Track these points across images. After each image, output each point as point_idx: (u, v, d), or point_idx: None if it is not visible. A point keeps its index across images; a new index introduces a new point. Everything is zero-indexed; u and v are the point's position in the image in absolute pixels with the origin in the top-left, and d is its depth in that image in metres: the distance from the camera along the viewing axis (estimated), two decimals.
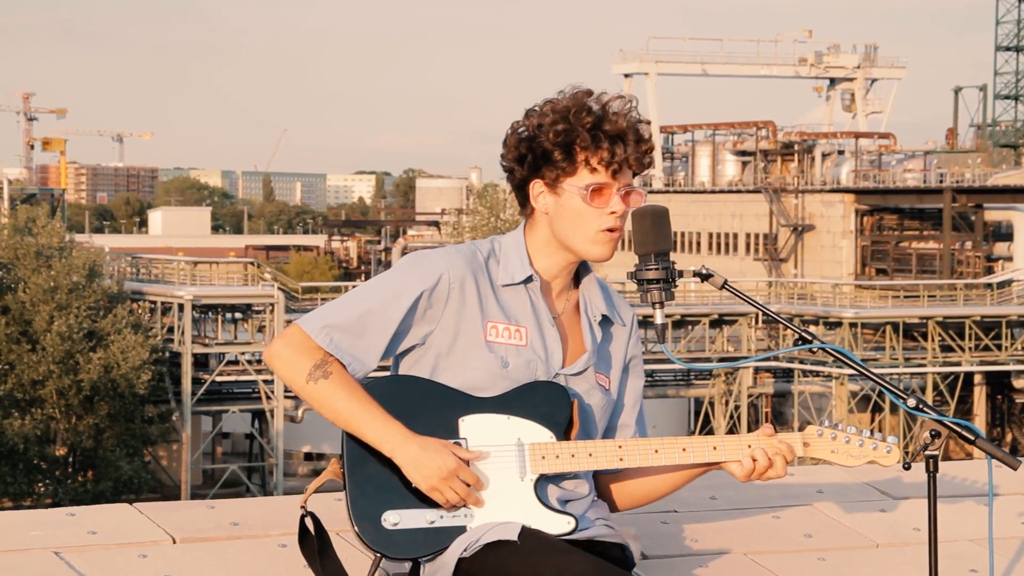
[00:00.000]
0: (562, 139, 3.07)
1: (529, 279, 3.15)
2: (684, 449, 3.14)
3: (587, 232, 3.11)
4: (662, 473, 3.25)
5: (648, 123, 3.16)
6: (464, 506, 3.02)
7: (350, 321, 3.06)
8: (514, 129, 3.15)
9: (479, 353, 3.09)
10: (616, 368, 3.26)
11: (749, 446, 3.14)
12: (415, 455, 2.98)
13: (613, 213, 3.09)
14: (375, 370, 3.09)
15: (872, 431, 3.18)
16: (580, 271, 3.25)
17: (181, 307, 44.93)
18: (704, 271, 3.13)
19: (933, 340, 49.02)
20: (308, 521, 3.12)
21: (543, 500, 3.06)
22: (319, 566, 3.10)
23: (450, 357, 3.10)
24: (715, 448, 3.15)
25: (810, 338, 3.14)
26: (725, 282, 3.16)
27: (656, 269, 3.07)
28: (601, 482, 3.27)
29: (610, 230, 3.11)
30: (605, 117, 3.08)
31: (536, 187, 3.13)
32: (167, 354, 44.78)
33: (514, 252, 3.17)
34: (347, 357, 3.04)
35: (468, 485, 3.00)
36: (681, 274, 3.13)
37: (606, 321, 3.26)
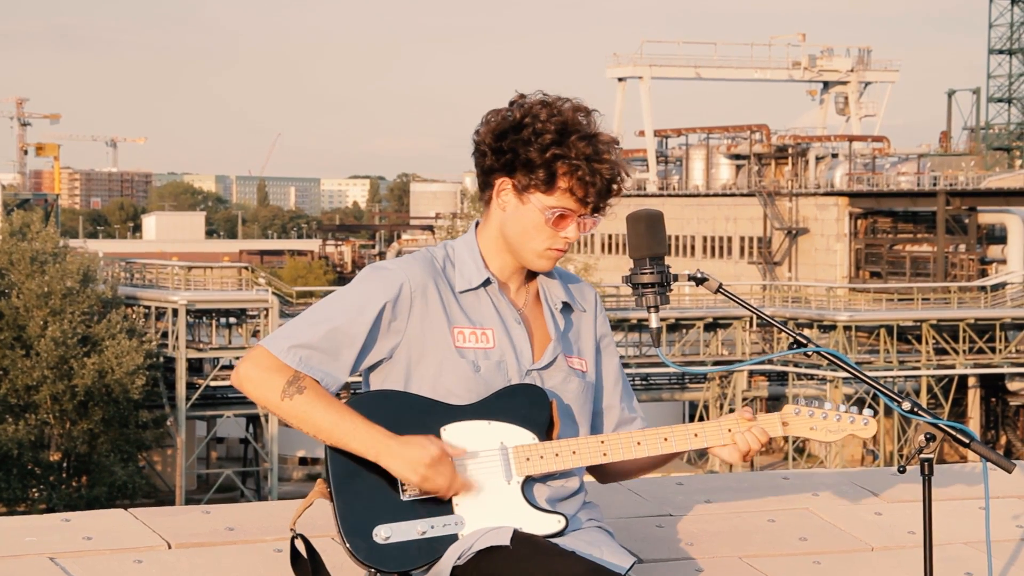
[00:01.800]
0: (550, 158, 3.04)
1: (487, 282, 3.15)
2: (666, 439, 3.16)
3: (536, 247, 3.12)
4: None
5: (623, 162, 3.13)
6: (452, 513, 3.02)
7: (317, 339, 3.04)
8: (502, 117, 3.11)
9: (450, 360, 3.08)
10: (588, 350, 3.26)
11: (730, 430, 3.16)
12: (400, 453, 2.97)
13: (566, 238, 3.10)
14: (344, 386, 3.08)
15: (848, 407, 3.19)
16: None
17: (175, 312, 44.90)
18: (699, 275, 3.14)
19: (927, 343, 49.06)
20: (298, 543, 3.11)
21: (531, 501, 3.07)
22: None
23: (421, 367, 3.09)
24: (696, 435, 3.17)
25: (805, 342, 3.15)
26: (720, 286, 3.16)
27: (651, 273, 3.08)
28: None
29: (559, 251, 3.12)
30: (596, 154, 3.05)
31: (503, 183, 3.11)
32: (161, 359, 44.73)
33: (468, 256, 3.17)
34: (319, 374, 3.03)
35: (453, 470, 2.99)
36: (676, 278, 3.13)
37: (567, 308, 3.26)
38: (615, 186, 3.10)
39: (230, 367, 45.81)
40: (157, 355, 44.37)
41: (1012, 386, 53.31)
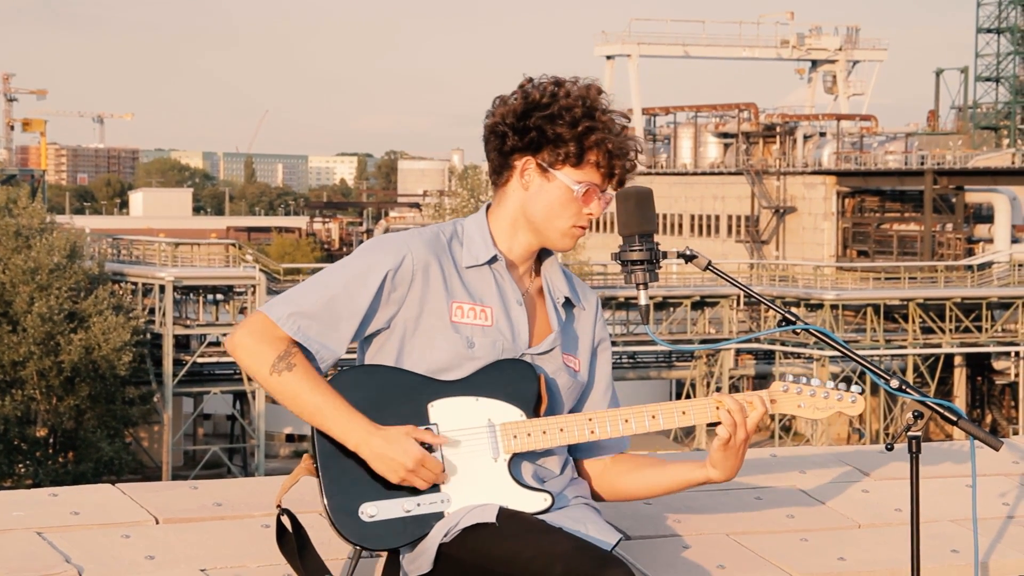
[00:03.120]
0: (582, 132, 3.07)
1: (494, 259, 3.15)
2: (654, 416, 3.14)
3: (562, 225, 3.12)
4: (654, 476, 3.26)
5: (642, 148, 3.21)
6: (439, 491, 3.02)
7: (317, 308, 3.03)
8: (523, 97, 3.11)
9: (445, 334, 3.08)
10: (584, 351, 3.26)
11: (717, 408, 3.14)
12: (380, 450, 2.97)
13: (590, 215, 3.11)
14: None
15: (836, 384, 3.19)
16: (542, 254, 3.24)
17: (162, 288, 44.85)
18: (688, 252, 3.14)
19: (914, 322, 49.18)
20: (285, 519, 3.11)
21: (518, 479, 3.06)
22: (299, 563, 3.08)
23: (415, 339, 3.09)
24: (684, 412, 3.15)
25: (793, 319, 3.15)
26: (709, 263, 3.16)
27: (640, 250, 3.08)
28: (590, 474, 3.28)
29: (583, 228, 3.14)
30: (621, 128, 3.11)
31: (527, 163, 3.12)
32: (148, 335, 44.69)
33: (477, 234, 3.16)
34: (315, 345, 3.02)
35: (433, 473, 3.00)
36: (665, 255, 3.13)
37: (569, 304, 3.26)
38: (636, 159, 3.13)
39: (217, 344, 45.79)
40: (144, 331, 44.33)
41: (998, 365, 53.48)
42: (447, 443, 3.03)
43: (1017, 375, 52.12)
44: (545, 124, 3.08)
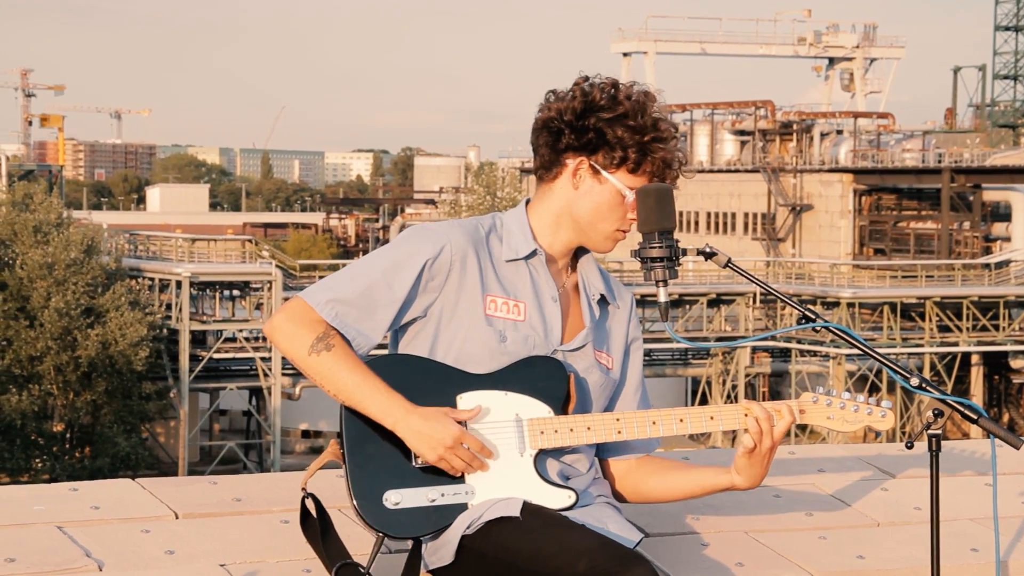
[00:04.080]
0: (644, 141, 3.09)
1: (533, 253, 3.15)
2: (682, 420, 3.15)
3: (607, 228, 3.15)
4: (678, 480, 3.26)
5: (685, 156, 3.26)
6: (463, 482, 3.02)
7: (355, 295, 3.05)
8: (584, 93, 3.12)
9: (478, 327, 3.09)
10: (617, 349, 3.27)
11: (746, 415, 3.13)
12: (418, 427, 2.97)
13: (633, 220, 3.13)
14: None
15: (866, 398, 3.18)
16: (578, 252, 3.25)
17: (179, 284, 44.94)
18: (708, 249, 3.14)
19: (931, 320, 49.06)
20: (309, 502, 3.11)
21: (543, 475, 3.07)
22: (321, 547, 3.09)
23: (449, 330, 3.10)
24: (712, 418, 3.15)
25: (813, 317, 3.14)
26: (729, 260, 3.16)
27: (660, 247, 3.07)
28: (614, 474, 3.28)
29: (625, 232, 3.18)
30: (675, 137, 3.15)
31: (580, 162, 3.13)
32: (165, 331, 44.79)
33: (517, 229, 3.17)
34: (352, 332, 3.04)
35: (472, 453, 3.00)
36: (685, 252, 3.14)
37: (604, 301, 3.26)
38: (683, 166, 3.17)
39: (233, 340, 45.89)
40: (161, 327, 44.43)
41: (1015, 364, 53.32)
42: (476, 431, 3.04)
43: None
44: (605, 127, 3.09)
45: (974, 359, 52.10)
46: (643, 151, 3.09)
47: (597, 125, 3.10)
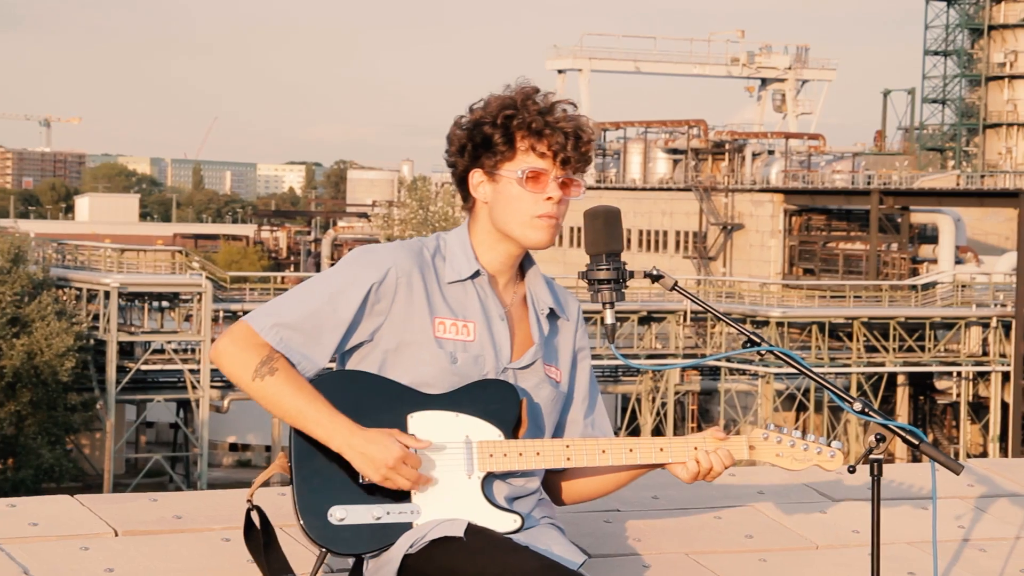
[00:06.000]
0: (504, 123, 3.09)
1: (476, 274, 3.15)
2: (631, 450, 3.15)
3: (522, 217, 3.11)
4: (608, 472, 3.26)
5: (592, 126, 3.18)
6: (410, 501, 3.01)
7: (300, 319, 3.03)
8: (456, 122, 3.16)
9: (428, 349, 3.08)
10: (565, 361, 3.27)
11: (695, 448, 3.15)
12: (362, 448, 2.96)
13: (549, 199, 3.10)
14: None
15: (816, 436, 3.21)
16: (524, 264, 3.24)
17: (107, 294, 44.51)
18: (655, 272, 3.15)
19: (858, 340, 49.51)
20: (254, 515, 3.11)
21: (490, 498, 3.06)
22: (264, 560, 3.08)
23: (398, 353, 3.09)
24: (662, 449, 3.16)
25: (759, 340, 3.16)
26: (675, 283, 3.17)
27: (607, 269, 3.08)
28: (547, 477, 3.27)
29: (548, 216, 3.11)
30: (551, 109, 3.11)
31: (475, 177, 3.14)
32: (92, 342, 44.34)
33: (459, 248, 3.17)
34: (297, 356, 3.02)
35: (416, 472, 2.99)
36: (632, 274, 3.14)
37: (552, 315, 3.26)
38: (583, 135, 3.11)
39: (162, 351, 45.50)
40: (88, 337, 43.99)
41: (940, 385, 53.90)
42: (424, 452, 3.03)
43: (958, 395, 52.55)
44: (474, 134, 3.12)
45: (900, 379, 52.60)
46: (505, 134, 3.09)
47: (471, 136, 3.12)
